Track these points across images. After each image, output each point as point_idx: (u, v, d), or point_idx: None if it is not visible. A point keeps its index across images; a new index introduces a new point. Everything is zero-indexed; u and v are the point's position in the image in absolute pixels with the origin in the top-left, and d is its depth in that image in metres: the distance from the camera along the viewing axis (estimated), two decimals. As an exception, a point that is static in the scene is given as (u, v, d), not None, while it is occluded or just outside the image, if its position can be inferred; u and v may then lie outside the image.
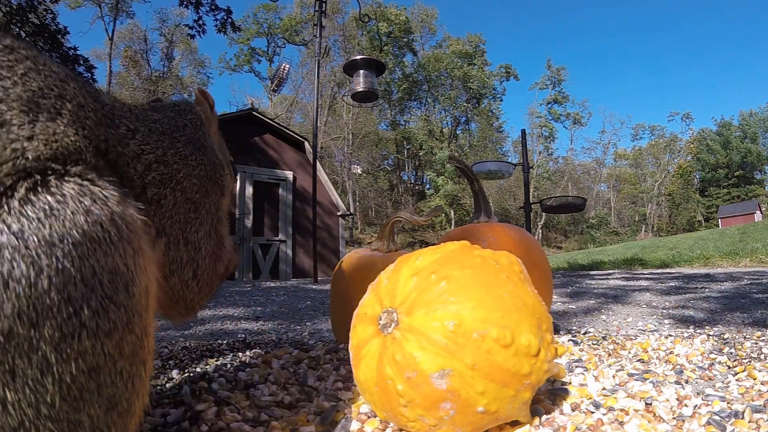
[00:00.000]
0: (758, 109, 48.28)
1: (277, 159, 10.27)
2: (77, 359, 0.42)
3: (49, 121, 0.48)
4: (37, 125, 0.47)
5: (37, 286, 0.41)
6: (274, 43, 43.22)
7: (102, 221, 0.46)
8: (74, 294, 0.42)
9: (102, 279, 0.44)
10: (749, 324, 1.68)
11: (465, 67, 44.42)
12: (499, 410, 0.64)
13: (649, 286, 3.69)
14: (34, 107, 0.48)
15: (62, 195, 0.45)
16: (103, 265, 0.45)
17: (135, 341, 0.47)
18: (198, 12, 9.78)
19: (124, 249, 0.48)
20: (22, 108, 0.47)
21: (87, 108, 0.55)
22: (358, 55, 5.69)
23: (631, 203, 50.16)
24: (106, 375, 0.44)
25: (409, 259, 0.76)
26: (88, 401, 0.43)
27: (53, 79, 0.52)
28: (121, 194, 0.51)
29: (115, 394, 0.46)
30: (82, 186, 0.47)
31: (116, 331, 0.45)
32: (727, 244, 9.83)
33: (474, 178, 1.49)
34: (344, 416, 0.77)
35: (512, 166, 5.33)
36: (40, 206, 0.43)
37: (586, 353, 1.18)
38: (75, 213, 0.45)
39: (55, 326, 0.41)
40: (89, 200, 0.46)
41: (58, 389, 0.41)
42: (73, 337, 0.42)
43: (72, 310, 0.42)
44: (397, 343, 0.66)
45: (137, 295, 0.48)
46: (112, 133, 0.60)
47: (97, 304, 0.44)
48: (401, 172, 45.68)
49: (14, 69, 0.49)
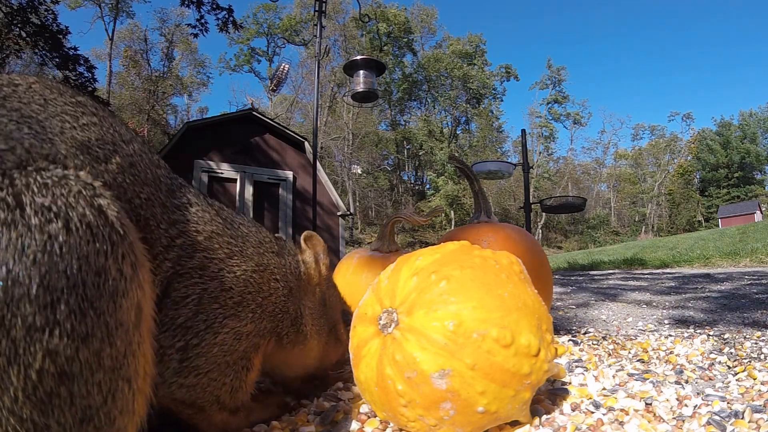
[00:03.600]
0: (758, 109, 48.33)
1: (277, 159, 10.27)
2: (46, 357, 0.41)
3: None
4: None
5: (22, 260, 0.40)
6: (274, 43, 43.29)
7: (101, 222, 0.46)
8: (54, 284, 0.41)
9: (86, 279, 0.43)
10: (749, 324, 1.68)
11: (465, 67, 44.44)
12: (499, 410, 0.64)
13: (649, 286, 3.69)
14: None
15: (67, 190, 0.45)
16: (91, 263, 0.44)
17: (116, 356, 0.45)
18: (200, 11, 9.78)
19: (120, 255, 0.46)
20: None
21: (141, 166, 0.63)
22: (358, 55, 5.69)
23: (631, 203, 50.14)
24: (80, 384, 0.43)
25: (409, 259, 0.76)
26: (58, 407, 0.42)
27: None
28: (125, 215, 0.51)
29: (90, 406, 0.44)
30: (86, 188, 0.48)
31: (94, 338, 0.43)
32: (727, 244, 9.82)
33: (474, 178, 1.49)
34: (344, 416, 0.77)
35: (512, 166, 5.33)
36: (40, 200, 0.43)
37: (586, 353, 1.18)
38: (73, 207, 0.45)
39: (28, 311, 0.40)
40: (95, 201, 0.47)
41: (22, 384, 0.40)
42: (43, 331, 0.40)
43: (49, 300, 0.41)
44: (397, 343, 0.66)
45: (124, 308, 0.46)
46: (160, 197, 0.65)
47: (76, 304, 0.42)
48: (401, 172, 45.69)
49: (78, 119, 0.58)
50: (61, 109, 0.58)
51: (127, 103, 33.11)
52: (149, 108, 35.16)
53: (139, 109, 34.31)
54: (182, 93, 41.03)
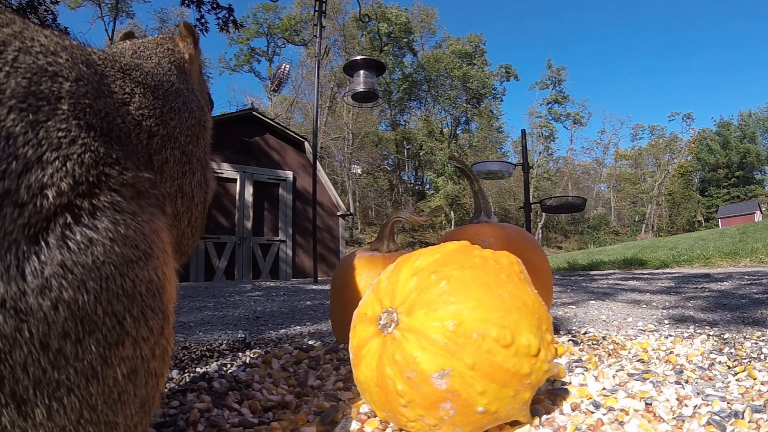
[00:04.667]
0: (757, 109, 48.34)
1: (278, 159, 10.27)
2: (120, 364, 0.45)
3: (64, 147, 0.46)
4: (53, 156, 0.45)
5: (82, 304, 0.43)
6: (274, 43, 43.27)
7: (137, 242, 0.49)
8: (117, 307, 0.45)
9: (141, 290, 0.48)
10: (749, 324, 1.68)
11: (465, 67, 44.44)
12: (499, 410, 0.64)
13: (648, 286, 3.69)
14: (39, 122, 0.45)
15: (96, 228, 0.47)
16: (141, 278, 0.48)
17: (165, 343, 0.51)
18: (200, 11, 9.77)
19: (155, 262, 0.51)
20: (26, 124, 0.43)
21: (87, 97, 0.51)
22: (358, 55, 5.69)
23: (631, 203, 50.14)
24: (141, 376, 0.47)
25: (409, 259, 0.76)
26: (125, 402, 0.46)
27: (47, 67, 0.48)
28: (149, 210, 0.53)
29: (147, 394, 0.49)
30: (115, 214, 0.49)
31: (152, 335, 0.48)
32: (727, 244, 9.82)
33: (474, 178, 1.49)
34: (344, 416, 0.77)
35: (512, 166, 5.33)
36: (78, 239, 0.45)
37: (586, 353, 1.18)
38: (112, 240, 0.47)
39: (100, 338, 0.43)
40: (123, 227, 0.49)
41: (101, 393, 0.43)
42: (117, 345, 0.44)
43: (116, 321, 0.45)
44: (397, 343, 0.66)
45: (166, 302, 0.52)
46: (111, 106, 0.56)
47: (138, 312, 0.47)
48: (401, 172, 45.69)
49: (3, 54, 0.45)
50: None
51: (127, 103, 32.98)
52: (149, 108, 35.00)
53: (139, 109, 34.17)
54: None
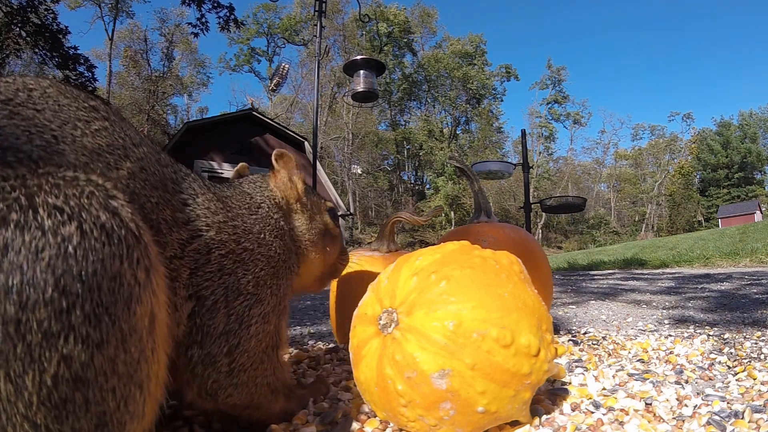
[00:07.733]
0: (758, 109, 48.34)
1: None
2: (61, 363, 0.40)
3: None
4: None
5: (37, 263, 0.39)
6: (274, 43, 43.26)
7: (116, 224, 0.45)
8: (70, 288, 0.41)
9: (101, 283, 0.42)
10: (749, 324, 1.68)
11: (465, 67, 44.42)
12: (499, 410, 0.64)
13: (648, 286, 3.69)
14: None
15: (79, 191, 0.45)
16: (106, 267, 0.43)
17: (130, 362, 0.45)
18: (200, 10, 9.79)
19: (135, 259, 0.46)
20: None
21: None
22: (358, 55, 5.69)
23: (631, 203, 50.12)
24: (95, 390, 0.42)
25: (409, 259, 0.76)
26: (73, 413, 0.41)
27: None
28: (140, 219, 0.51)
29: (105, 412, 0.43)
30: (98, 189, 0.47)
31: (108, 345, 0.43)
32: (727, 244, 9.81)
33: (474, 178, 1.49)
34: (344, 416, 0.77)
35: (512, 166, 5.33)
36: (53, 203, 0.43)
37: (586, 353, 1.18)
38: (86, 209, 0.44)
39: (44, 316, 0.39)
40: (108, 203, 0.46)
41: (37, 389, 0.39)
42: (59, 336, 0.40)
43: (64, 305, 0.40)
44: (397, 343, 0.66)
45: (138, 315, 0.46)
46: (163, 198, 0.62)
47: (91, 310, 0.41)
48: (401, 172, 45.67)
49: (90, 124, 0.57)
50: (74, 115, 0.57)
51: (127, 103, 33.06)
52: (149, 108, 35.14)
53: (139, 109, 34.28)
54: (182, 93, 41.02)
